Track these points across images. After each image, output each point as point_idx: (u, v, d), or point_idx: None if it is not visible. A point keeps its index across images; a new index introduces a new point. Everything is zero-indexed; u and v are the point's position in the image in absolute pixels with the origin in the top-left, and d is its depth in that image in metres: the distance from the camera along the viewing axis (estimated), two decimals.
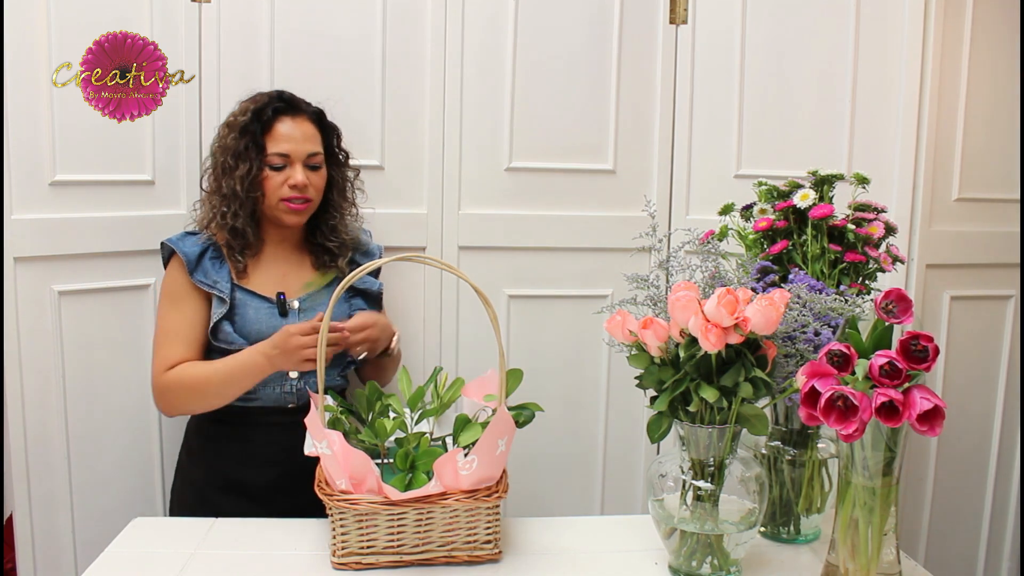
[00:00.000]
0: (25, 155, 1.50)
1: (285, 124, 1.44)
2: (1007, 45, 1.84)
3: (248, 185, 1.42)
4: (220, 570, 1.11)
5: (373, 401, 1.26)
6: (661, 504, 1.11)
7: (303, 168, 1.44)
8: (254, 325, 1.44)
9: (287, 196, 1.44)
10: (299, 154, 1.44)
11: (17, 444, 1.52)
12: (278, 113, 1.44)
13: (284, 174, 1.43)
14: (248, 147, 1.41)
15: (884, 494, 0.97)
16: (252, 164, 1.41)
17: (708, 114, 1.81)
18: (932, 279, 1.85)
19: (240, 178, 1.41)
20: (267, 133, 1.43)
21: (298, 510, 1.27)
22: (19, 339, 1.51)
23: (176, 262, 1.45)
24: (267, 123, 1.43)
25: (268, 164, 1.43)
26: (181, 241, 1.46)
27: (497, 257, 1.80)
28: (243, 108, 1.45)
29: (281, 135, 1.43)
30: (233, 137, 1.42)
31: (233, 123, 1.44)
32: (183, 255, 1.43)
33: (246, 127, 1.42)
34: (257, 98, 1.46)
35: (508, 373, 1.20)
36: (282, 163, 1.43)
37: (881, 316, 0.95)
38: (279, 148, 1.43)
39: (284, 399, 1.46)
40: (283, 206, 1.45)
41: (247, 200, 1.43)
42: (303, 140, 1.45)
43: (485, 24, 1.73)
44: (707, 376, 1.01)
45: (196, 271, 1.43)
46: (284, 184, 1.43)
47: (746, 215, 1.36)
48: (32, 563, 1.56)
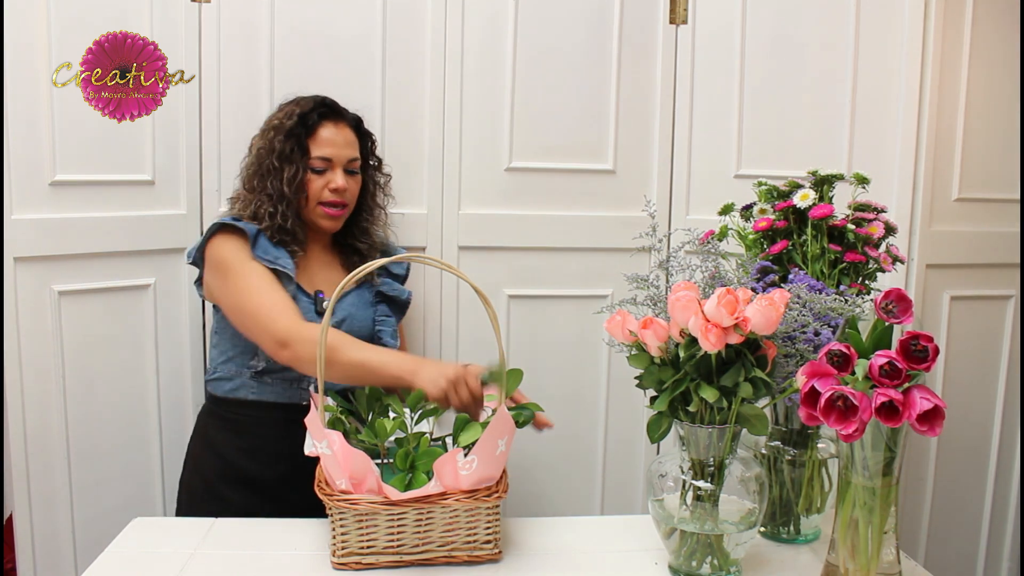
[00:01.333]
0: (25, 155, 1.50)
1: (328, 129, 1.48)
2: (1007, 45, 1.84)
3: (295, 187, 1.45)
4: (220, 570, 1.11)
5: (373, 401, 1.26)
6: (661, 504, 1.11)
7: (343, 173, 1.48)
8: None
9: (326, 200, 1.47)
10: (341, 159, 1.48)
11: (17, 444, 1.52)
12: (322, 118, 1.48)
13: (325, 178, 1.47)
14: (293, 150, 1.45)
15: (884, 494, 0.97)
16: (297, 166, 1.45)
17: (708, 114, 1.81)
18: (932, 279, 1.85)
19: (288, 180, 1.44)
20: (311, 137, 1.46)
21: (306, 504, 1.27)
22: (19, 339, 1.51)
23: (232, 235, 1.42)
24: (312, 127, 1.46)
25: (310, 167, 1.46)
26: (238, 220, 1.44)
27: (497, 257, 1.80)
28: (288, 111, 1.48)
29: (324, 139, 1.47)
30: (280, 140, 1.45)
31: (279, 126, 1.46)
32: (247, 229, 1.41)
33: (292, 130, 1.45)
34: (302, 102, 1.49)
35: (508, 373, 1.20)
36: (323, 167, 1.47)
37: (881, 316, 0.95)
38: (322, 152, 1.46)
39: (301, 395, 1.46)
40: (320, 210, 1.48)
41: (294, 200, 1.45)
42: (345, 145, 1.49)
43: (485, 24, 1.74)
44: (707, 376, 1.01)
45: (256, 247, 1.42)
46: (324, 188, 1.47)
47: (746, 215, 1.36)
48: (32, 563, 1.56)
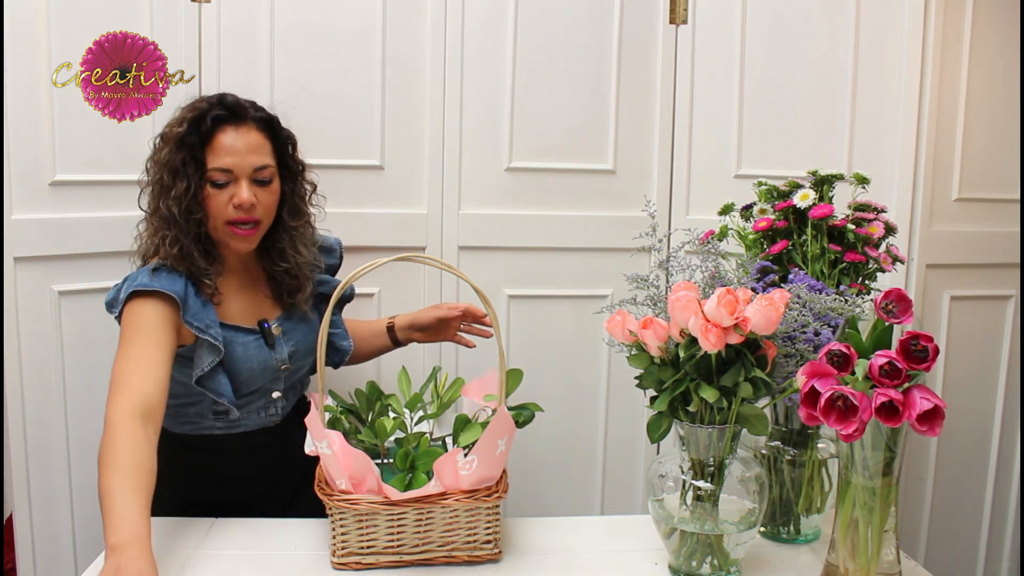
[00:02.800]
0: (25, 155, 1.50)
1: (228, 135, 1.25)
2: (1007, 45, 1.84)
3: (187, 206, 1.24)
4: (220, 570, 1.11)
5: (373, 401, 1.26)
6: (661, 504, 1.11)
7: (249, 184, 1.26)
8: (244, 363, 1.30)
9: (232, 218, 1.26)
10: (244, 168, 1.26)
11: (17, 444, 1.52)
12: (219, 122, 1.25)
13: (228, 191, 1.25)
14: (186, 162, 1.24)
15: (884, 494, 0.97)
16: (191, 182, 1.24)
17: (708, 114, 1.81)
18: (932, 279, 1.85)
19: (177, 198, 1.23)
20: (207, 145, 1.25)
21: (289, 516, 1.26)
22: (19, 339, 1.51)
23: (161, 301, 1.22)
24: (207, 134, 1.24)
25: (209, 180, 1.25)
26: (162, 280, 1.23)
27: (497, 257, 1.80)
28: (180, 117, 1.27)
29: (223, 147, 1.25)
30: (168, 151, 1.25)
31: (168, 135, 1.27)
32: (174, 294, 1.22)
33: (183, 139, 1.24)
34: (196, 104, 1.28)
35: (508, 373, 1.20)
36: (225, 179, 1.25)
37: (881, 316, 0.95)
38: (221, 162, 1.25)
39: (269, 420, 1.38)
40: (228, 230, 1.27)
41: (188, 223, 1.25)
42: (248, 152, 1.26)
43: (485, 24, 1.73)
44: (707, 376, 1.01)
45: (186, 312, 1.23)
46: (229, 203, 1.26)
47: (746, 215, 1.36)
48: (32, 563, 1.56)
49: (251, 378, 1.32)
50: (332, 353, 1.48)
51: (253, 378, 1.32)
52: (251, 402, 1.35)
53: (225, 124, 1.26)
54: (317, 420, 1.11)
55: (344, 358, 1.49)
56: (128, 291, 1.22)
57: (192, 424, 1.35)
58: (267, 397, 1.36)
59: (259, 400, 1.36)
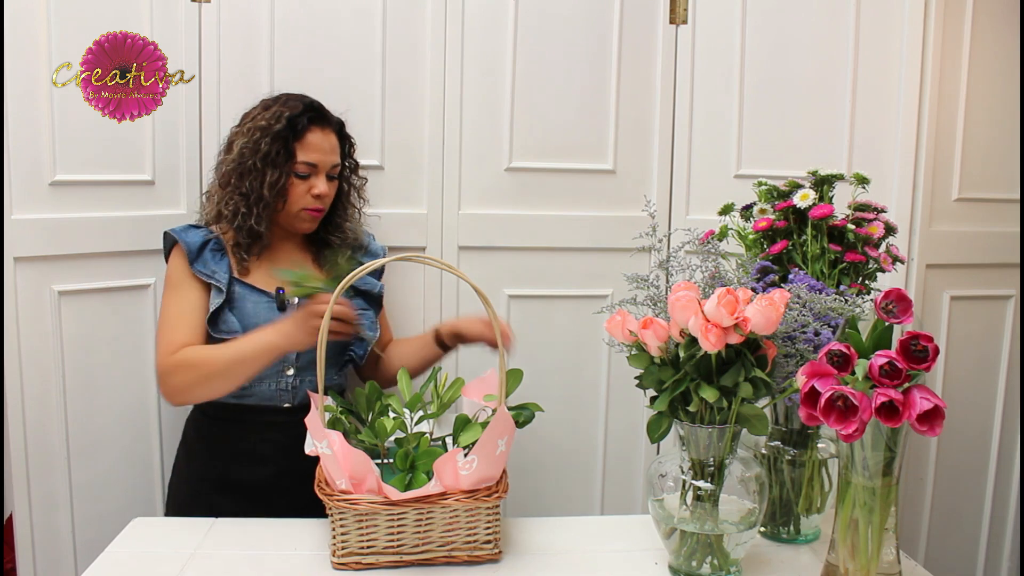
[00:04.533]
0: (25, 155, 1.50)
1: (316, 134, 1.45)
2: (1007, 45, 1.84)
3: (277, 191, 1.43)
4: (220, 570, 1.11)
5: (373, 401, 1.26)
6: (661, 504, 1.11)
7: (325, 178, 1.47)
8: (252, 319, 1.43)
9: (309, 206, 1.46)
10: (325, 165, 1.46)
11: (17, 444, 1.52)
12: (311, 123, 1.45)
13: (308, 183, 1.45)
14: (279, 153, 1.42)
15: (884, 494, 0.97)
16: (281, 171, 1.42)
17: (708, 114, 1.81)
18: (932, 279, 1.85)
19: (270, 184, 1.42)
20: (298, 141, 1.44)
21: (295, 510, 1.27)
22: (19, 339, 1.51)
23: (178, 252, 1.45)
24: (300, 132, 1.44)
25: (295, 172, 1.44)
26: (184, 232, 1.46)
27: (497, 257, 1.80)
28: (275, 113, 1.44)
29: (312, 145, 1.45)
30: (266, 141, 1.42)
31: (266, 128, 1.43)
32: (185, 244, 1.43)
33: (279, 133, 1.42)
34: (289, 103, 1.46)
35: (508, 373, 1.20)
36: (308, 172, 1.45)
37: (881, 316, 0.95)
38: (309, 157, 1.44)
39: (279, 397, 1.45)
40: (304, 214, 1.47)
41: (271, 204, 1.44)
42: (330, 151, 1.47)
43: (485, 24, 1.73)
44: (707, 376, 1.01)
45: (196, 261, 1.43)
46: (307, 193, 1.45)
47: (746, 215, 1.36)
48: (32, 563, 1.56)
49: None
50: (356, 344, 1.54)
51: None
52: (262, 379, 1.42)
53: (315, 125, 1.46)
54: (317, 420, 1.11)
55: (367, 348, 1.55)
56: (165, 235, 1.48)
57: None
58: (278, 367, 1.43)
59: (270, 370, 1.41)
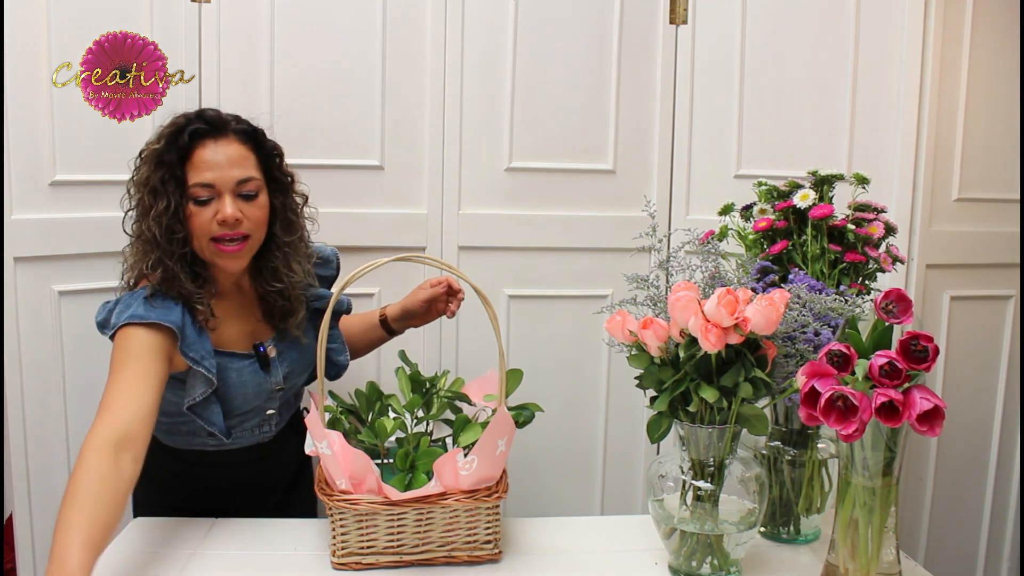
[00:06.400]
0: (25, 155, 1.50)
1: (207, 149, 1.20)
2: (1007, 45, 1.84)
3: (168, 225, 1.18)
4: (220, 570, 1.11)
5: (373, 401, 1.26)
6: (661, 504, 1.11)
7: (233, 199, 1.21)
8: (239, 389, 1.27)
9: (217, 235, 1.20)
10: (226, 182, 1.20)
11: (17, 444, 1.52)
12: (197, 136, 1.20)
13: (212, 208, 1.20)
14: (165, 180, 1.18)
15: (884, 494, 0.97)
16: (171, 200, 1.18)
17: (708, 114, 1.81)
18: (932, 279, 1.85)
19: (157, 218, 1.18)
20: (187, 161, 1.20)
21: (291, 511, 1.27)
22: (19, 339, 1.51)
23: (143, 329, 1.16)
24: (185, 149, 1.19)
25: (192, 197, 1.19)
26: (153, 309, 1.17)
27: (497, 257, 1.80)
28: (158, 134, 1.23)
29: (203, 162, 1.19)
30: (147, 170, 1.20)
31: (146, 153, 1.22)
32: (172, 325, 1.17)
33: (161, 157, 1.19)
34: (174, 120, 1.23)
35: (508, 373, 1.20)
36: (208, 195, 1.19)
37: (881, 316, 0.95)
38: (201, 178, 1.19)
39: (263, 436, 1.36)
40: (214, 248, 1.21)
41: (171, 243, 1.19)
42: (229, 165, 1.20)
43: (485, 24, 1.73)
44: (707, 376, 1.01)
45: (183, 342, 1.18)
46: (213, 220, 1.20)
47: (746, 215, 1.36)
48: (32, 563, 1.56)
49: (245, 401, 1.30)
50: (329, 368, 1.41)
51: (247, 401, 1.30)
52: (244, 422, 1.33)
53: (204, 138, 1.21)
54: (317, 420, 1.11)
55: (341, 372, 1.45)
56: (124, 319, 1.16)
57: (185, 439, 1.33)
58: (261, 415, 1.34)
59: (253, 419, 1.33)
